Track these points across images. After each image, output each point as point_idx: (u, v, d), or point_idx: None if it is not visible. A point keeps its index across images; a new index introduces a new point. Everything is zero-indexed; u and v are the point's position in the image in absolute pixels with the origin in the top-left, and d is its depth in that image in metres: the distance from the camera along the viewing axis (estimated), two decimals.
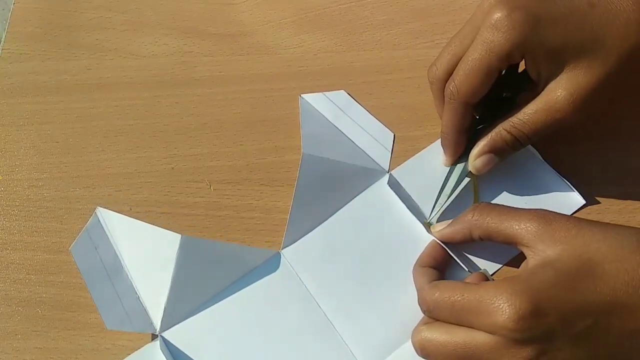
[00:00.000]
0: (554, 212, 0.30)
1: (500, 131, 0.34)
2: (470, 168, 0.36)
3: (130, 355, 0.33)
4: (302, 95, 0.41)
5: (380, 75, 0.42)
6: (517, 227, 0.30)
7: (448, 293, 0.29)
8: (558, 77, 0.32)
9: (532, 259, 0.29)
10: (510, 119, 0.34)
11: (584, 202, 0.36)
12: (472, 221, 0.32)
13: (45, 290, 0.36)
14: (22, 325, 0.35)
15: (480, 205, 0.32)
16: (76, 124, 0.41)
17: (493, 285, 0.28)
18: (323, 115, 0.40)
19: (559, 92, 0.32)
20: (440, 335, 0.29)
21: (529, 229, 0.29)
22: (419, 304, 0.31)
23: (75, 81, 0.43)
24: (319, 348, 0.33)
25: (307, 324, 0.34)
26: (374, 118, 0.40)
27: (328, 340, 0.33)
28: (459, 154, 0.36)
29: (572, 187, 0.36)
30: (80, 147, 0.41)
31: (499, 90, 0.35)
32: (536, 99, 0.33)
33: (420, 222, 0.36)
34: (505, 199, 0.37)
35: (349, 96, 0.41)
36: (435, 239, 0.35)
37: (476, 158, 0.35)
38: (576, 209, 0.36)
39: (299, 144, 0.40)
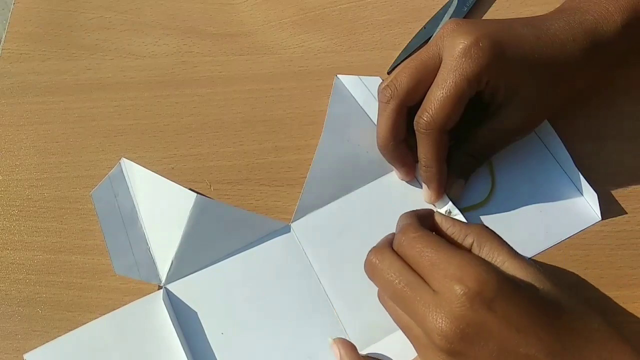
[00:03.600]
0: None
1: (465, 157, 0.37)
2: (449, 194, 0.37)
3: (134, 302, 0.34)
4: (337, 75, 0.41)
5: (380, 75, 0.42)
6: (492, 252, 0.30)
7: (426, 238, 0.29)
8: (510, 98, 0.34)
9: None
10: (471, 145, 0.36)
11: (599, 218, 0.36)
12: (456, 233, 0.32)
13: (45, 290, 0.36)
14: (22, 325, 0.35)
15: (470, 225, 0.32)
16: (76, 124, 0.41)
17: (474, 256, 0.28)
18: (354, 98, 0.40)
19: (515, 115, 0.35)
20: (390, 267, 0.29)
21: (501, 259, 0.29)
22: (394, 243, 0.31)
23: (75, 81, 0.43)
24: (314, 322, 0.34)
25: (305, 297, 0.35)
26: None
27: (324, 316, 0.34)
28: (445, 186, 0.36)
29: (588, 201, 0.36)
30: (80, 147, 0.41)
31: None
32: (493, 123, 0.35)
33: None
34: (517, 202, 0.37)
35: None
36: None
37: (451, 186, 0.37)
38: (591, 224, 0.36)
39: (299, 144, 0.40)
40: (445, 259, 0.28)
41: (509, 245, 0.30)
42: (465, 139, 0.37)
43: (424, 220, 0.33)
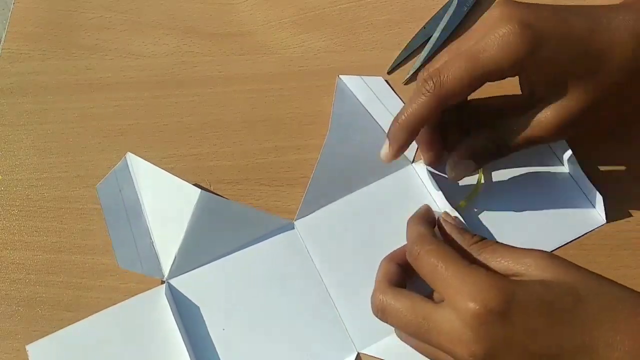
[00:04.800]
0: (555, 254, 0.29)
1: (484, 140, 0.34)
2: (448, 172, 0.35)
3: (136, 296, 0.35)
4: (340, 75, 0.41)
5: (380, 75, 0.42)
6: (513, 261, 0.29)
7: (439, 252, 0.29)
8: (549, 98, 0.32)
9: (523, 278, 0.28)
10: (495, 129, 0.34)
11: (604, 221, 0.36)
12: (472, 249, 0.31)
13: (45, 290, 0.36)
14: (22, 325, 0.35)
15: (486, 241, 0.31)
16: (76, 124, 0.41)
17: (484, 272, 0.27)
18: (356, 98, 0.40)
19: (548, 113, 0.32)
20: (403, 303, 0.29)
21: (527, 261, 0.28)
22: (407, 252, 0.31)
23: (75, 81, 0.43)
24: (316, 321, 0.34)
25: (307, 295, 0.35)
26: None
27: (326, 315, 0.34)
28: (403, 152, 0.34)
29: (593, 204, 0.36)
30: (80, 147, 0.41)
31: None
32: (524, 115, 0.33)
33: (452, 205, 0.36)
34: (522, 204, 0.37)
35: (386, 84, 0.41)
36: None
37: (457, 165, 0.35)
38: (595, 227, 0.36)
39: (299, 144, 0.40)
40: (459, 277, 0.27)
41: (508, 247, 0.30)
42: (492, 126, 0.34)
43: (432, 223, 0.33)
